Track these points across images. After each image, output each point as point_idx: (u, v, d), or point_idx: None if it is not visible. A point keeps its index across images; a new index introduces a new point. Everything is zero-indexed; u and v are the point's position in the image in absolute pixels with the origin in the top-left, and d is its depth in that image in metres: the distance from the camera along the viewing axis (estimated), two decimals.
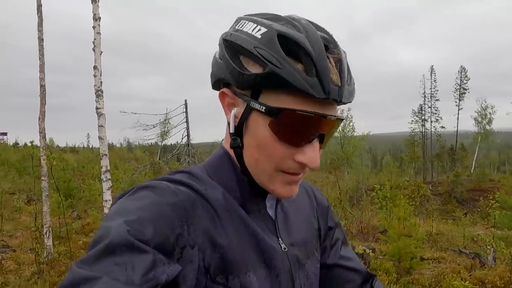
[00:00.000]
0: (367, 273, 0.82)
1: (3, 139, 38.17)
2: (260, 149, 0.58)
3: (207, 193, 0.60)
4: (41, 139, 6.64)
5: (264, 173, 0.60)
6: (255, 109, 0.57)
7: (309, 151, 0.57)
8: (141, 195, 0.54)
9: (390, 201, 8.63)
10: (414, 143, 36.56)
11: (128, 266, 0.43)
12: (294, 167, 0.58)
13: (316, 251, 0.75)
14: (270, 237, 0.64)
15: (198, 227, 0.55)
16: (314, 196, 0.82)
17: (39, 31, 6.71)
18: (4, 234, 8.70)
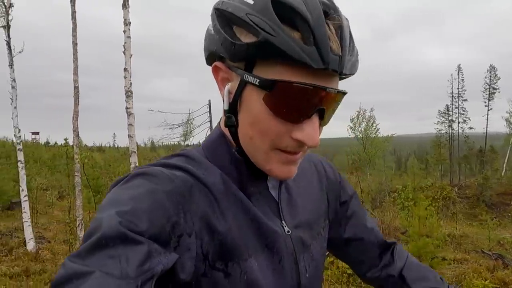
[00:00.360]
0: (385, 242, 0.81)
1: (35, 139, 40.07)
2: (255, 126, 0.54)
3: (205, 177, 0.57)
4: (74, 137, 7.06)
5: (259, 152, 0.56)
6: (249, 83, 0.52)
7: (307, 128, 0.53)
8: (135, 183, 0.52)
9: (412, 202, 8.55)
10: (441, 145, 35.49)
11: (122, 258, 0.42)
12: (292, 145, 0.54)
13: (323, 230, 0.72)
14: (273, 220, 0.62)
15: (195, 214, 0.53)
16: (324, 171, 0.78)
17: (73, 35, 7.15)
18: (39, 227, 9.26)
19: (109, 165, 24.75)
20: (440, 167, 38.07)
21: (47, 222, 10.18)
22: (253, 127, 0.55)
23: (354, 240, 0.79)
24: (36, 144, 33.06)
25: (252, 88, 0.53)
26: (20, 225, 7.66)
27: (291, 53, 0.48)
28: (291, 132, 0.53)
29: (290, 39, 0.48)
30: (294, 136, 0.53)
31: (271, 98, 0.51)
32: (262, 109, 0.53)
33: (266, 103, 0.52)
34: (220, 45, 0.54)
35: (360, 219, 0.80)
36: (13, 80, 6.80)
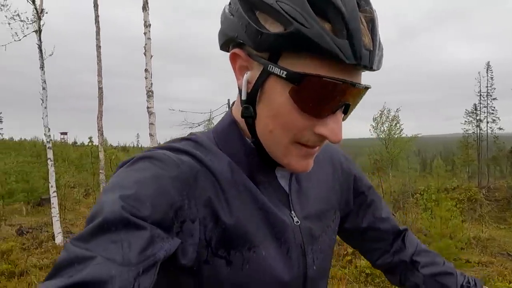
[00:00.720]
0: (397, 229, 0.81)
1: (64, 139, 41.67)
2: (276, 119, 0.52)
3: (212, 164, 0.56)
4: (99, 136, 7.35)
5: (279, 146, 0.55)
6: (273, 74, 0.50)
7: (331, 123, 0.51)
8: (140, 166, 0.51)
9: (435, 203, 8.32)
10: (468, 145, 34.25)
11: (124, 243, 0.42)
12: (313, 140, 0.53)
13: (332, 223, 0.71)
14: (282, 210, 0.61)
15: (200, 201, 0.53)
16: (340, 162, 0.77)
17: (97, 39, 7.45)
18: (67, 222, 9.66)
19: None
20: (468, 169, 36.70)
21: (74, 218, 10.61)
22: (274, 120, 0.53)
23: (370, 230, 0.79)
24: (64, 144, 34.43)
25: (276, 80, 0.51)
26: (49, 220, 8.03)
27: (324, 46, 0.46)
28: (314, 127, 0.52)
29: (324, 32, 0.46)
30: (317, 131, 0.52)
31: (298, 92, 0.49)
32: (286, 102, 0.50)
33: (292, 97, 0.50)
34: (243, 31, 0.51)
35: (377, 209, 0.80)
36: (44, 81, 7.15)
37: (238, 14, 0.52)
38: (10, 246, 6.28)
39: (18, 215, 10.70)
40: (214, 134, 0.62)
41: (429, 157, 75.46)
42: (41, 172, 13.78)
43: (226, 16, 0.56)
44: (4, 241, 7.04)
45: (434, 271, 0.76)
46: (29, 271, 5.48)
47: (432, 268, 0.77)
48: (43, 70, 7.20)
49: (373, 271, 4.84)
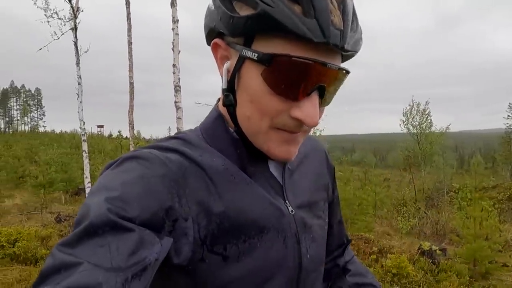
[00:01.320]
0: (345, 237, 0.86)
1: (100, 131, 43.58)
2: (253, 104, 0.52)
3: (202, 160, 0.56)
4: (130, 129, 7.61)
5: (258, 132, 0.54)
6: (247, 58, 0.50)
7: (306, 106, 0.50)
8: (126, 167, 0.50)
9: (470, 201, 7.91)
10: (510, 141, 32.17)
11: (112, 247, 0.41)
12: (290, 124, 0.52)
13: (323, 213, 0.71)
14: (277, 199, 0.61)
15: (191, 198, 0.52)
16: (325, 154, 0.78)
17: (128, 36, 7.66)
18: None
19: None
20: (510, 167, 34.53)
21: None
22: (252, 105, 0.53)
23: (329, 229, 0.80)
24: (101, 136, 36.06)
25: (251, 64, 0.51)
26: None
27: (290, 25, 0.46)
28: (290, 110, 0.51)
29: (290, 11, 0.46)
30: (293, 115, 0.51)
31: (269, 73, 0.49)
32: (260, 85, 0.51)
33: (265, 79, 0.50)
34: (219, 20, 0.53)
35: (337, 210, 0.82)
36: (79, 77, 7.49)
37: (216, 5, 0.54)
38: (49, 232, 6.69)
39: (57, 203, 11.39)
40: (201, 130, 0.62)
41: (467, 154, 71.83)
42: (79, 163, 14.54)
43: (208, 10, 0.57)
44: (44, 227, 7.51)
45: (360, 281, 0.80)
46: None
47: (359, 278, 0.81)
48: (78, 66, 7.53)
49: (400, 271, 4.70)
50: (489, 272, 5.13)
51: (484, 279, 5.11)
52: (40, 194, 10.91)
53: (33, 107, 53.58)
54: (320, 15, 0.47)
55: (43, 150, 14.12)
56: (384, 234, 8.27)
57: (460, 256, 5.61)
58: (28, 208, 10.33)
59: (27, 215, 9.45)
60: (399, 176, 24.92)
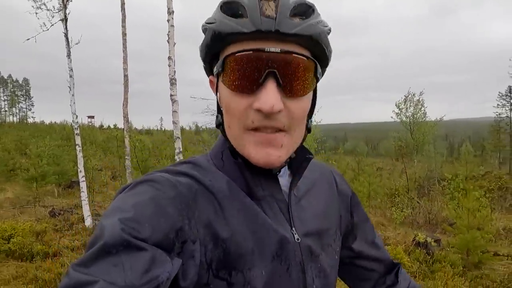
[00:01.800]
0: (391, 263, 0.80)
1: (91, 122, 43.06)
2: (227, 113, 0.56)
3: (211, 184, 0.57)
4: (125, 122, 7.52)
5: (237, 139, 0.57)
6: (218, 76, 0.57)
7: (262, 94, 0.52)
8: (139, 190, 0.52)
9: (462, 192, 8.05)
10: (500, 130, 32.69)
11: (125, 266, 0.42)
12: (256, 119, 0.54)
13: (333, 242, 0.69)
14: (283, 226, 0.60)
15: (200, 221, 0.53)
16: (334, 181, 0.76)
17: (123, 26, 7.51)
18: (95, 205, 10.09)
19: (157, 147, 26.09)
20: (498, 155, 35.18)
21: (102, 200, 11.05)
22: (227, 115, 0.57)
23: (361, 257, 0.77)
24: (92, 127, 35.59)
25: (219, 78, 0.57)
26: (79, 202, 8.40)
27: (226, 29, 0.53)
28: (252, 105, 0.53)
29: (228, 20, 0.53)
30: (254, 107, 0.53)
31: (225, 77, 0.54)
32: (225, 91, 0.56)
33: (224, 82, 0.55)
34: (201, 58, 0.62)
35: (368, 234, 0.79)
36: (71, 69, 7.33)
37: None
38: (44, 227, 6.64)
39: (50, 196, 11.27)
40: (211, 155, 0.65)
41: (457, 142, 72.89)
42: (70, 156, 14.37)
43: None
44: (38, 222, 7.45)
45: None
46: (62, 252, 5.78)
47: None
48: (69, 58, 7.36)
49: None
50: (482, 261, 5.26)
51: (476, 268, 5.24)
52: (32, 188, 10.77)
53: (21, 97, 52.56)
54: (250, 12, 0.52)
55: (34, 143, 13.86)
56: (378, 224, 8.39)
57: (454, 246, 5.73)
58: (21, 202, 10.21)
59: (20, 209, 9.35)
60: (390, 165, 25.22)
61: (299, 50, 0.54)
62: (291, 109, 0.55)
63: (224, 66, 0.54)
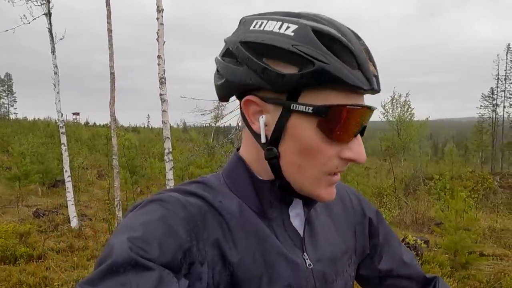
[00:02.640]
0: (425, 278, 0.77)
1: (76, 119, 42.20)
2: (304, 154, 0.54)
3: (222, 205, 0.57)
4: (112, 121, 7.35)
5: (309, 179, 0.56)
6: (296, 112, 0.53)
7: (355, 146, 0.55)
8: (148, 209, 0.52)
9: (449, 192, 8.20)
10: (482, 130, 33.54)
11: (133, 285, 0.42)
12: (340, 165, 0.55)
13: (348, 267, 0.68)
14: (294, 251, 0.59)
15: (208, 243, 0.52)
16: (351, 202, 0.75)
17: (108, 23, 7.31)
18: (81, 204, 9.89)
19: (144, 145, 25.71)
20: (481, 154, 36.08)
21: (88, 199, 10.85)
22: (303, 155, 0.55)
23: (390, 277, 0.74)
24: (77, 124, 34.88)
25: (300, 117, 0.53)
26: (64, 202, 8.21)
27: (345, 78, 0.50)
28: (340, 153, 0.55)
29: (342, 66, 0.50)
30: (343, 156, 0.54)
31: (326, 123, 0.52)
32: (314, 135, 0.53)
33: (321, 129, 0.53)
34: (260, 77, 0.53)
35: (396, 252, 0.76)
36: (55, 66, 7.12)
37: (249, 62, 0.54)
38: (28, 228, 6.43)
39: (34, 196, 10.98)
40: (223, 175, 0.63)
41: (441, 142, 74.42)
42: (55, 154, 14.01)
43: (228, 66, 0.57)
44: (21, 222, 7.23)
45: None
46: (47, 255, 5.62)
47: None
48: (54, 54, 7.15)
49: None
50: (469, 262, 5.36)
51: (464, 269, 5.34)
52: (15, 187, 10.46)
53: (3, 93, 51.05)
54: (362, 66, 0.52)
55: (17, 140, 13.46)
56: None
57: (441, 247, 5.82)
58: (3, 202, 9.91)
59: (2, 208, 9.07)
60: (377, 164, 25.56)
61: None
62: None
63: (328, 114, 0.52)
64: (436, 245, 6.30)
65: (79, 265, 5.34)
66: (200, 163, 12.87)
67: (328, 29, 0.52)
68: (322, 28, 0.51)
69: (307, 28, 0.51)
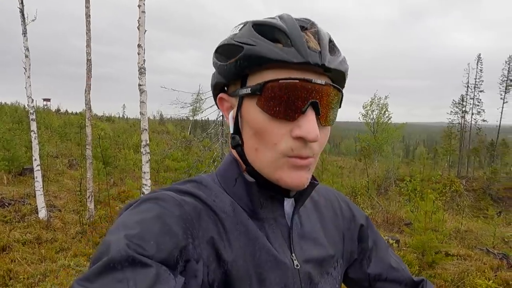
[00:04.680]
0: (412, 281, 0.78)
1: (47, 105, 40.40)
2: (257, 136, 0.56)
3: (215, 204, 0.58)
4: (87, 110, 7.09)
5: (267, 162, 0.56)
6: (244, 96, 0.56)
7: (304, 123, 0.53)
8: (144, 207, 0.52)
9: (419, 194, 8.51)
10: (451, 135, 35.01)
11: (130, 282, 0.42)
12: (295, 146, 0.54)
13: (334, 270, 0.69)
14: (283, 251, 0.60)
15: (204, 240, 0.53)
16: (340, 209, 0.76)
17: (86, 7, 7.03)
18: (50, 195, 9.49)
19: (118, 135, 25.02)
20: (449, 158, 37.70)
21: (57, 190, 10.43)
22: (256, 137, 0.56)
23: (380, 281, 0.76)
24: (47, 111, 33.38)
25: (247, 100, 0.56)
26: (32, 191, 7.85)
27: (272, 55, 0.53)
28: (291, 132, 0.54)
29: (270, 45, 0.53)
30: (294, 134, 0.54)
31: (263, 101, 0.54)
32: (259, 115, 0.55)
33: (260, 107, 0.54)
34: (218, 73, 0.60)
35: (384, 256, 0.78)
36: (27, 49, 6.76)
37: (214, 64, 0.62)
38: None
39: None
40: (217, 174, 0.65)
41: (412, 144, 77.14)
42: (22, 140, 13.37)
43: (212, 76, 0.64)
44: None
45: None
46: (12, 246, 5.37)
47: None
48: (25, 36, 6.79)
49: None
50: (435, 261, 5.59)
51: (430, 268, 5.56)
52: None
53: None
54: (296, 43, 0.53)
55: None
56: None
57: (410, 246, 6.04)
58: None
59: None
60: (351, 163, 26.17)
61: (335, 83, 0.58)
62: (320, 137, 0.57)
63: (264, 90, 0.54)
64: (405, 245, 6.53)
65: (47, 257, 5.13)
66: (177, 156, 12.67)
67: (270, 21, 0.56)
68: (264, 21, 0.56)
69: (249, 24, 0.57)
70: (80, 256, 5.26)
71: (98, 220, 7.02)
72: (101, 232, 6.31)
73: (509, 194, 21.25)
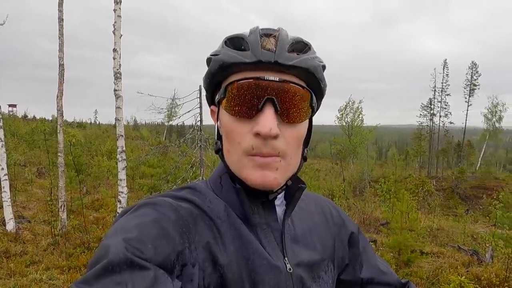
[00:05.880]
0: (400, 284, 0.81)
1: (12, 111, 38.51)
2: (227, 138, 0.59)
3: (211, 210, 0.60)
4: (58, 116, 6.83)
5: (235, 162, 0.59)
6: (219, 103, 0.60)
7: (260, 119, 0.55)
8: (142, 212, 0.53)
9: (393, 194, 8.77)
10: (421, 137, 36.38)
11: (129, 284, 0.43)
12: (255, 143, 0.56)
13: (325, 274, 0.70)
14: (276, 255, 0.61)
15: (200, 245, 0.54)
16: (331, 215, 0.78)
17: (59, 11, 6.80)
18: (18, 205, 9.02)
19: (90, 142, 24.15)
20: (419, 159, 39.15)
21: (26, 200, 9.93)
22: (227, 139, 0.59)
23: (372, 284, 0.79)
24: (13, 117, 31.81)
25: (221, 106, 0.60)
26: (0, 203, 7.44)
27: (231, 60, 0.57)
28: (252, 130, 0.56)
29: (232, 52, 0.58)
30: (253, 131, 0.56)
31: (227, 103, 0.58)
32: (226, 117, 0.58)
33: (225, 109, 0.58)
34: (204, 87, 0.66)
35: (374, 261, 0.81)
36: None
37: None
38: None
39: None
40: (210, 181, 0.67)
41: (384, 146, 79.51)
42: None
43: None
44: None
45: None
46: None
47: None
48: None
49: None
50: (411, 260, 5.77)
51: (406, 266, 5.73)
52: None
53: None
54: (252, 46, 0.57)
55: None
56: None
57: (387, 246, 6.21)
58: None
59: None
60: (327, 166, 26.62)
61: (296, 80, 0.59)
62: (287, 136, 0.58)
63: (226, 93, 0.58)
64: (382, 245, 6.70)
65: (16, 272, 4.86)
66: (153, 162, 12.40)
67: (239, 33, 0.61)
68: (234, 34, 0.61)
69: (224, 39, 0.61)
70: (53, 269, 5.03)
71: (72, 231, 6.73)
72: (74, 243, 6.06)
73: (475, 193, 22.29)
